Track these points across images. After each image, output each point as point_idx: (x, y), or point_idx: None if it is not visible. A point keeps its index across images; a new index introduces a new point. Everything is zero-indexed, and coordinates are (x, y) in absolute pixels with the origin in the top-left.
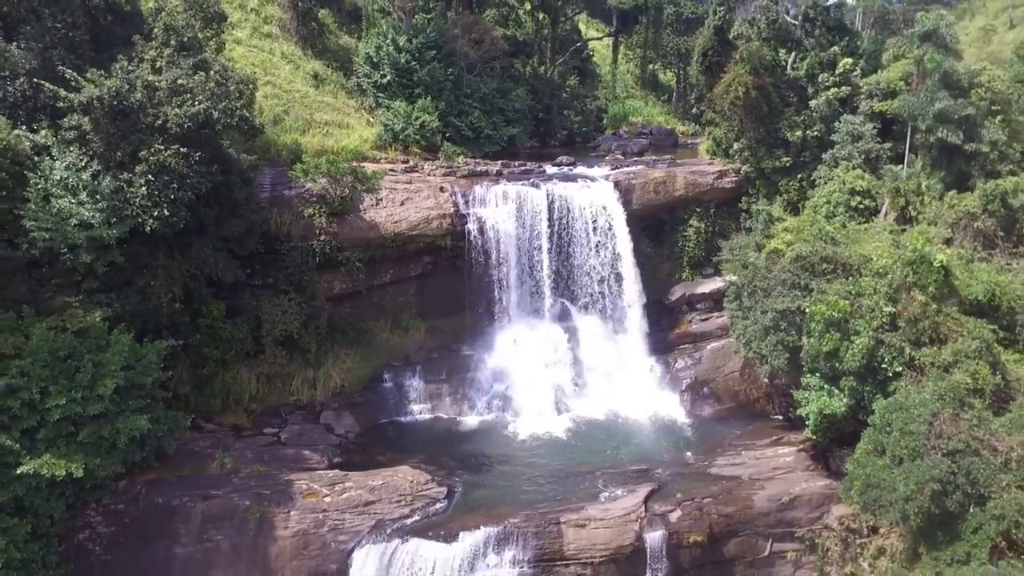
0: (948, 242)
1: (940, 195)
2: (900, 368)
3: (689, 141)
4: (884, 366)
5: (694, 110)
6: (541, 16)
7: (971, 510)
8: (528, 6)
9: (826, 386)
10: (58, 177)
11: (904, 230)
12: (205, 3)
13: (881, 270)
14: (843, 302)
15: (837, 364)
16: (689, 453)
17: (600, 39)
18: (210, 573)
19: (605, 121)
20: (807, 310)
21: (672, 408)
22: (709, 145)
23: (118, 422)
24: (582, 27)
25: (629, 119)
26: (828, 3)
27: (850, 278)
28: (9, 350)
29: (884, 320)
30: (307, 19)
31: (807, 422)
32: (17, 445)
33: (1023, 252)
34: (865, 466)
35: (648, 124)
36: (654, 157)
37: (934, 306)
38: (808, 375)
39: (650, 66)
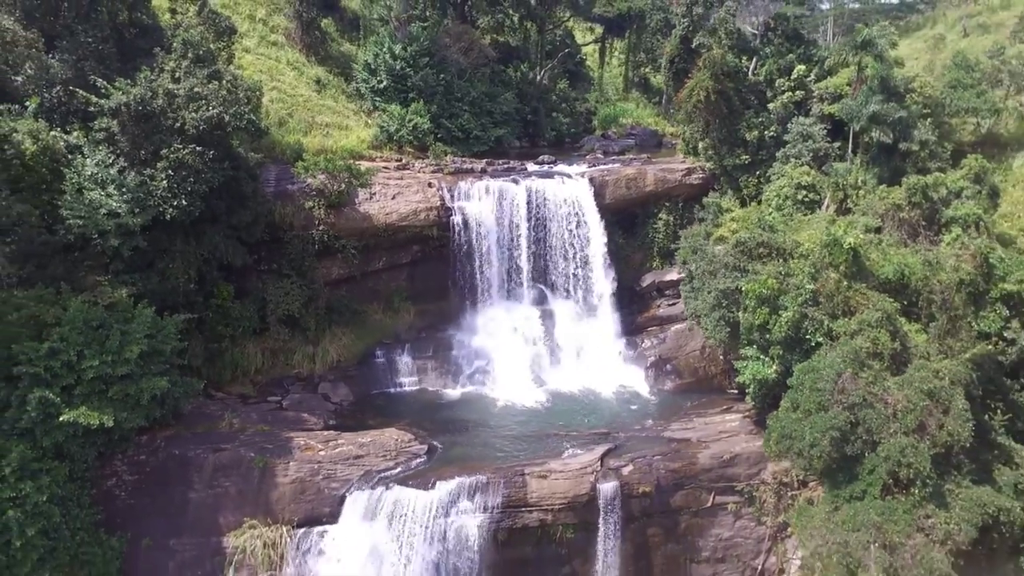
0: (878, 231)
1: (874, 189)
2: (821, 339)
3: (673, 141)
4: (808, 336)
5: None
6: (529, 24)
7: (867, 455)
8: (517, 16)
9: (760, 356)
10: (89, 172)
11: (835, 220)
12: (217, 18)
13: (805, 252)
14: (772, 281)
15: (768, 335)
16: (648, 420)
17: (587, 45)
18: (220, 514)
19: (595, 123)
20: (743, 289)
21: (637, 383)
22: (683, 145)
23: (142, 382)
24: (578, 32)
25: (620, 121)
26: (788, 14)
27: (782, 261)
28: (51, 319)
29: (807, 296)
30: (311, 28)
31: (748, 390)
32: (58, 399)
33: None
34: (781, 420)
35: (637, 126)
36: (631, 156)
37: (845, 283)
38: (745, 347)
39: (641, 69)
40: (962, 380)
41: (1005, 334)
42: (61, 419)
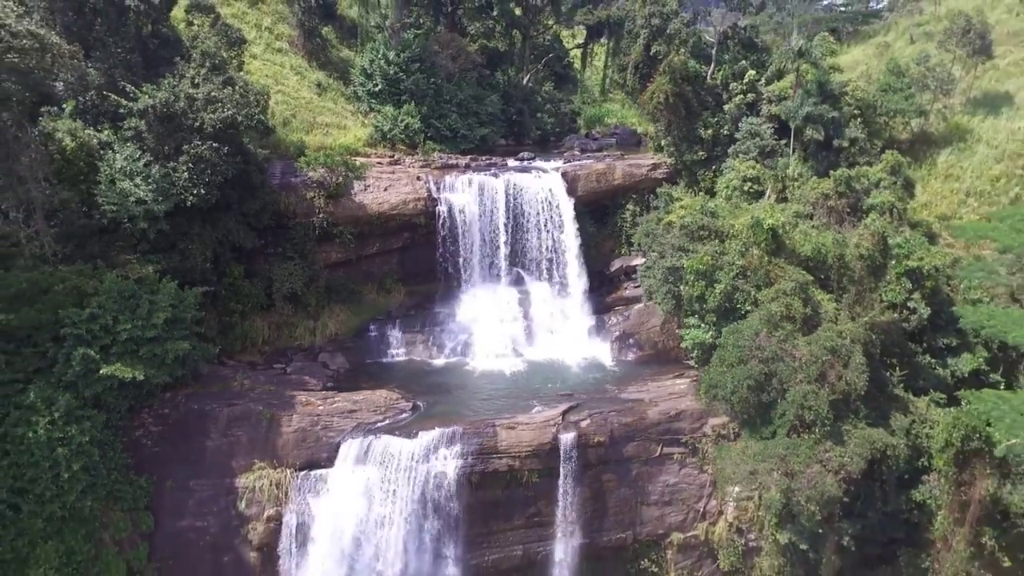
0: (810, 216)
1: (809, 180)
2: (749, 307)
3: (651, 140)
4: (738, 306)
5: None
6: (515, 32)
7: (778, 401)
8: (504, 24)
9: (699, 324)
10: (120, 165)
11: (771, 207)
12: (229, 30)
13: (736, 233)
14: (708, 258)
15: (705, 305)
16: (608, 385)
17: (573, 49)
18: (232, 459)
19: (580, 122)
20: (685, 265)
21: (603, 355)
22: (652, 143)
23: (167, 344)
24: (567, 36)
25: (604, 120)
26: (743, 24)
27: (719, 241)
28: (90, 290)
29: (737, 271)
30: (312, 36)
31: (692, 354)
32: (98, 356)
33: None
34: (710, 373)
35: (621, 125)
36: (606, 153)
37: (767, 258)
38: (688, 316)
39: (624, 73)
40: (861, 340)
41: (909, 304)
42: (101, 373)
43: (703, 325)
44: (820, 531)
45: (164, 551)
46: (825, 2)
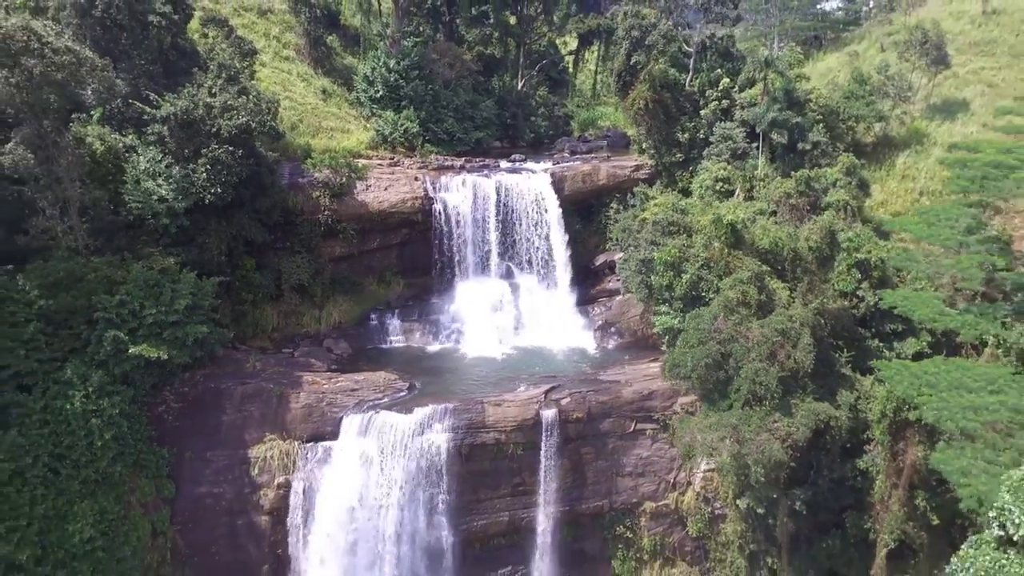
0: (774, 213)
1: (774, 180)
2: (712, 295)
3: (635, 143)
4: (703, 294)
5: None
6: (509, 40)
7: (734, 378)
8: (499, 33)
9: (669, 311)
10: (143, 167)
11: (738, 205)
12: (241, 42)
13: (700, 228)
14: (675, 250)
15: (673, 293)
16: (589, 368)
17: (566, 55)
18: (246, 432)
19: (574, 125)
20: (655, 257)
21: (586, 342)
22: (636, 145)
23: (187, 328)
24: (563, 44)
25: (598, 123)
26: (720, 34)
27: (687, 235)
28: (119, 279)
29: (701, 262)
30: (318, 44)
31: (664, 339)
32: (126, 337)
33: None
34: (674, 353)
35: (613, 128)
36: (594, 155)
37: (726, 251)
38: (659, 304)
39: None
40: (810, 323)
41: (858, 292)
42: (129, 352)
43: (671, 312)
44: (774, 496)
45: (184, 514)
46: (820, 7)
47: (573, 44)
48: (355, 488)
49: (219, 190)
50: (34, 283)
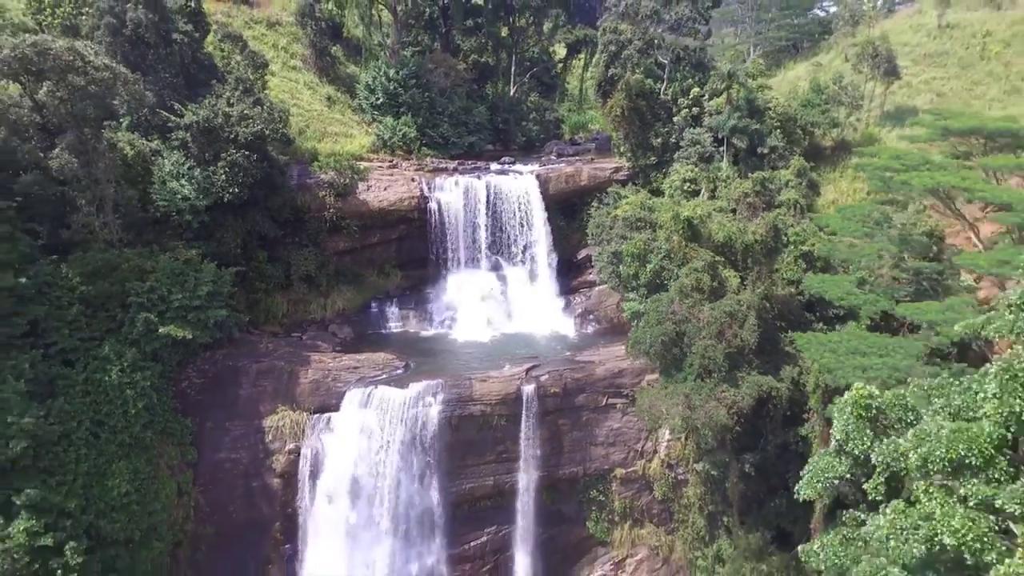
0: (733, 211)
1: (734, 181)
2: (672, 282)
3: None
4: (664, 281)
5: None
6: (501, 49)
7: (688, 354)
8: (491, 43)
9: (635, 297)
10: (168, 169)
11: (700, 203)
12: (255, 56)
13: (663, 223)
14: (640, 243)
15: (639, 282)
16: (568, 351)
17: (558, 62)
18: (260, 405)
19: (564, 129)
20: (623, 249)
21: (567, 328)
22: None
23: (208, 312)
24: (555, 50)
25: (587, 127)
26: (692, 46)
27: (651, 230)
28: (149, 268)
29: (663, 253)
30: (323, 54)
31: (632, 323)
32: (156, 319)
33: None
34: (636, 332)
35: (602, 131)
36: (578, 158)
37: (684, 243)
38: (627, 292)
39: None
40: (756, 306)
41: (804, 281)
42: (159, 332)
43: (638, 298)
44: (727, 460)
45: (205, 477)
46: (790, 20)
47: (563, 52)
48: (356, 454)
49: (236, 190)
50: (75, 271)
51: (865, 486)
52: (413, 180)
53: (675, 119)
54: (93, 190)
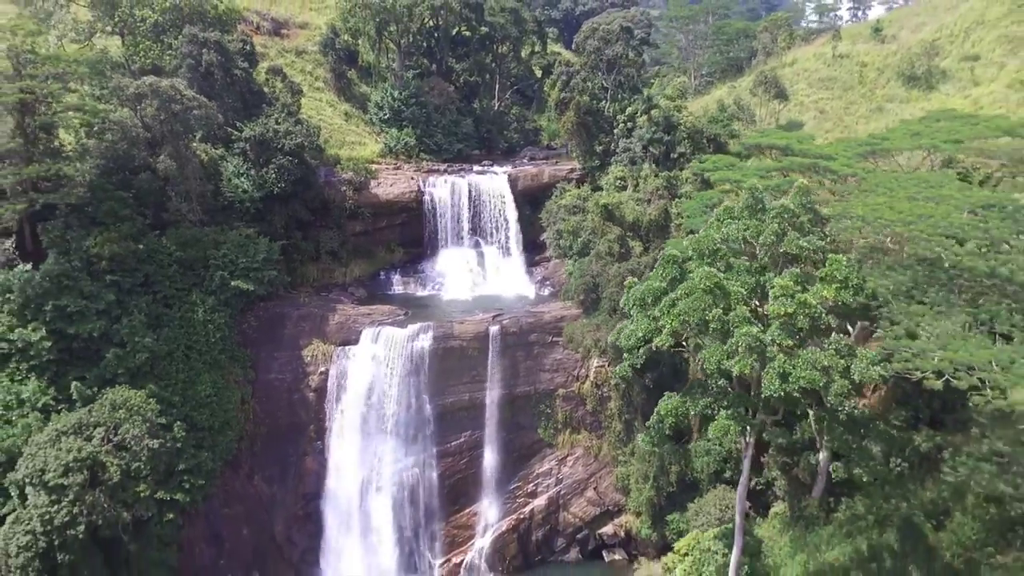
0: (648, 201)
1: (651, 178)
2: (593, 250)
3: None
4: (590, 250)
5: None
6: (486, 73)
7: (601, 300)
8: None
9: (571, 262)
10: (232, 170)
11: (621, 194)
12: (293, 85)
13: (590, 208)
14: (573, 222)
15: (573, 251)
16: (527, 306)
17: (536, 80)
18: (300, 340)
19: (543, 136)
20: (562, 228)
21: (529, 291)
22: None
23: (263, 272)
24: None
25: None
26: (629, 73)
27: (583, 214)
28: (221, 240)
29: (590, 230)
30: (341, 77)
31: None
32: (228, 276)
33: None
34: (566, 286)
35: None
36: (546, 161)
37: (601, 222)
38: (567, 259)
39: None
40: (650, 265)
41: None
42: (230, 285)
43: (571, 263)
44: (631, 375)
45: (260, 391)
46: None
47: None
48: (369, 376)
49: (282, 185)
50: (172, 242)
51: None
52: (412, 179)
53: (615, 131)
54: (184, 185)
